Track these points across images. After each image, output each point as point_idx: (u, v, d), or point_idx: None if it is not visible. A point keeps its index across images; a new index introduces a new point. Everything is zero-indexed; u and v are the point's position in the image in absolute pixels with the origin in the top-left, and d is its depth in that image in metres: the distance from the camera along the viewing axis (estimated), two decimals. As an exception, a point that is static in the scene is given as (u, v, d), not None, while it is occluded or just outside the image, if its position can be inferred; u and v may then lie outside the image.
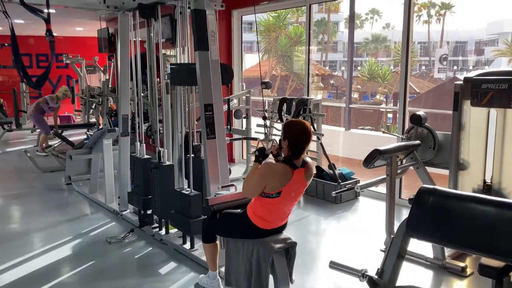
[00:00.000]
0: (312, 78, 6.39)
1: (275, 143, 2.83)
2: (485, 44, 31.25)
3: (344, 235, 4.30)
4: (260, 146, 2.87)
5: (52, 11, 3.62)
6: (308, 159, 2.76)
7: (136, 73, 4.47)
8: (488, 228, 1.74)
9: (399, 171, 3.78)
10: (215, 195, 3.16)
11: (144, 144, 4.40)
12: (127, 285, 3.34)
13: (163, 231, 4.11)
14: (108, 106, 8.66)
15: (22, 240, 4.21)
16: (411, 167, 3.88)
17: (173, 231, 4.07)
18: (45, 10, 3.46)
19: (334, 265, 2.16)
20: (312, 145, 5.80)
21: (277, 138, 2.91)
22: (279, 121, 5.61)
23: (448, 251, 3.52)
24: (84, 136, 8.73)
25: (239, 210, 2.86)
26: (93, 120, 10.04)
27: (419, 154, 3.83)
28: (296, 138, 2.61)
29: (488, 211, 1.76)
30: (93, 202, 5.33)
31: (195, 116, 4.11)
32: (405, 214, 4.50)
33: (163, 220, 4.12)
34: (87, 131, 9.35)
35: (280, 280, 2.68)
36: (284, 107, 5.61)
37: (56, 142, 7.90)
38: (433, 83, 20.61)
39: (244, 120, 6.28)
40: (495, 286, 2.08)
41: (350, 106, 10.14)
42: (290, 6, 9.43)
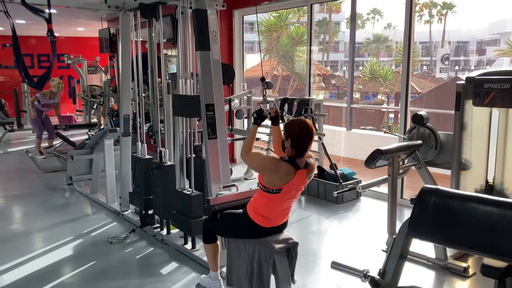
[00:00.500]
0: (313, 78, 6.38)
1: (273, 105, 2.83)
2: (486, 44, 31.22)
3: (345, 235, 4.29)
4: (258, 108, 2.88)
5: (53, 11, 3.62)
6: (312, 159, 2.74)
7: (138, 73, 4.46)
8: (491, 228, 1.72)
9: (401, 171, 3.77)
10: (217, 195, 3.15)
11: (146, 144, 4.40)
12: (129, 285, 3.33)
13: (165, 231, 4.11)
14: (110, 106, 8.67)
15: (23, 240, 4.21)
16: (413, 167, 3.87)
17: (174, 231, 4.07)
18: (46, 10, 3.46)
19: (336, 265, 2.14)
20: (313, 145, 5.80)
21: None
22: (281, 121, 5.60)
23: (450, 251, 3.51)
24: (86, 136, 8.74)
25: (240, 210, 2.86)
26: (94, 120, 10.05)
27: (421, 154, 3.82)
28: (299, 136, 2.61)
29: (491, 211, 1.74)
30: (94, 202, 5.33)
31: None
32: (406, 214, 4.51)
33: (164, 220, 4.12)
34: (88, 131, 9.37)
35: (282, 280, 2.67)
36: (286, 107, 5.61)
37: (57, 142, 7.89)
38: (434, 83, 20.58)
39: (245, 120, 6.27)
40: (498, 286, 2.07)
41: (351, 106, 10.15)
42: (291, 6, 9.43)
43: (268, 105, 2.90)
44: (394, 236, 2.07)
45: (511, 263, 1.95)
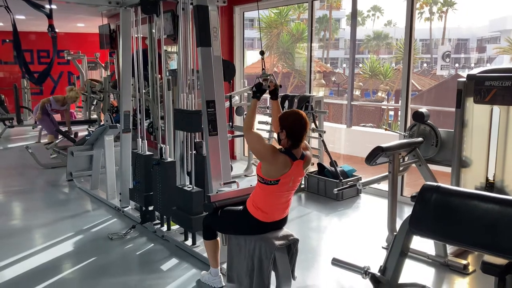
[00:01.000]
0: (313, 75, 6.37)
1: (272, 78, 2.82)
2: (487, 41, 31.18)
3: (345, 232, 4.29)
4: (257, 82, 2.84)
5: (53, 6, 3.62)
6: (307, 152, 2.75)
7: (138, 69, 4.46)
8: (492, 225, 1.73)
9: (401, 169, 3.77)
10: (217, 192, 3.15)
11: (146, 141, 4.40)
12: (129, 281, 3.34)
13: (165, 228, 4.11)
14: (110, 102, 8.66)
15: (23, 236, 4.22)
16: (413, 165, 3.87)
17: (174, 227, 4.07)
18: (47, 5, 3.45)
19: (336, 262, 2.15)
20: (314, 142, 5.82)
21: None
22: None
23: (450, 249, 3.51)
24: (86, 133, 8.74)
25: (240, 207, 2.86)
26: (94, 116, 10.04)
27: (421, 152, 3.82)
28: (293, 127, 2.62)
29: (491, 208, 1.75)
30: (94, 198, 5.33)
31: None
32: (406, 211, 4.52)
33: (164, 216, 4.12)
34: (88, 128, 9.36)
35: (282, 277, 2.68)
36: (286, 104, 5.60)
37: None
38: (435, 80, 20.57)
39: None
40: (498, 283, 2.07)
41: (351, 103, 10.14)
42: (292, 3, 9.41)
43: (268, 78, 2.85)
44: (395, 233, 2.08)
45: (512, 260, 1.95)
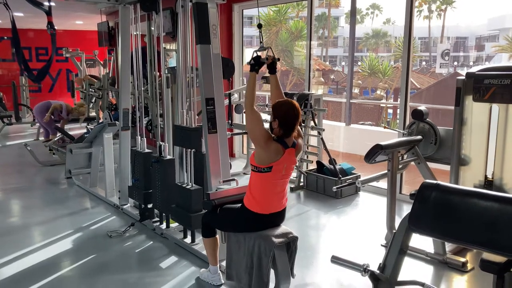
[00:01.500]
0: (312, 73, 6.37)
1: (270, 52, 2.81)
2: (485, 39, 31.18)
3: (344, 230, 4.30)
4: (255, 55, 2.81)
5: (52, 4, 3.61)
6: (299, 140, 2.77)
7: (137, 67, 4.45)
8: (491, 223, 1.73)
9: (400, 167, 3.77)
10: (216, 190, 3.15)
11: (145, 138, 4.39)
12: (128, 279, 3.34)
13: (164, 225, 4.11)
14: (108, 100, 8.65)
15: (22, 234, 4.21)
16: (412, 163, 3.87)
17: (174, 225, 4.07)
18: (46, 3, 3.44)
19: (335, 259, 2.15)
20: (313, 140, 5.82)
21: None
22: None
23: (449, 246, 3.52)
24: (84, 130, 8.72)
25: (238, 205, 2.86)
26: (93, 114, 10.02)
27: (420, 150, 3.82)
28: (285, 116, 2.63)
29: (491, 206, 1.75)
30: (93, 196, 5.33)
31: (196, 110, 4.10)
32: (405, 209, 4.52)
33: (163, 214, 4.12)
34: (87, 125, 9.35)
35: (281, 274, 2.68)
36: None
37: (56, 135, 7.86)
38: (434, 78, 20.60)
39: (245, 115, 6.26)
40: (497, 281, 2.08)
41: (350, 101, 10.14)
42: (291, 1, 9.38)
43: (265, 52, 2.82)
44: (394, 231, 2.08)
45: (510, 258, 1.96)
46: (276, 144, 2.64)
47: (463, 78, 3.38)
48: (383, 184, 4.63)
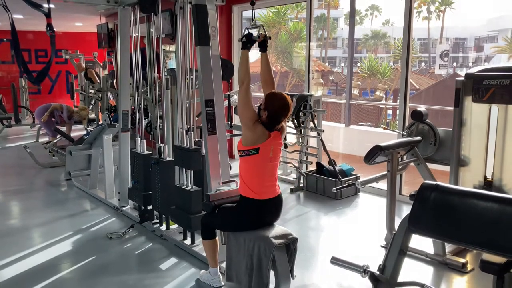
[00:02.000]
0: (312, 74, 6.37)
1: (262, 30, 2.82)
2: (485, 40, 31.21)
3: (344, 231, 4.30)
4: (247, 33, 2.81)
5: (52, 6, 3.61)
6: (283, 123, 2.80)
7: (136, 68, 4.45)
8: (491, 224, 1.73)
9: (399, 168, 3.77)
10: (216, 191, 3.15)
11: (144, 140, 4.39)
12: (128, 280, 3.34)
13: (164, 227, 4.11)
14: (108, 101, 8.65)
15: (22, 236, 4.21)
16: (412, 164, 3.87)
17: (173, 226, 4.07)
18: (45, 4, 3.45)
19: (335, 261, 2.15)
20: (312, 141, 5.82)
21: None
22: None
23: (448, 247, 3.52)
24: (84, 132, 8.72)
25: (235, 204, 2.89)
26: (92, 115, 10.02)
27: (420, 150, 3.82)
28: (276, 112, 2.69)
29: (491, 207, 1.75)
30: (93, 197, 5.32)
31: (196, 111, 4.10)
32: (405, 210, 4.52)
33: (163, 215, 4.12)
34: (86, 127, 9.34)
35: (281, 276, 2.68)
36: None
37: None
38: (433, 79, 20.60)
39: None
40: (497, 282, 2.08)
41: (350, 102, 10.15)
42: (290, 2, 9.39)
43: (257, 29, 2.82)
44: (394, 232, 2.08)
45: (510, 258, 1.96)
46: (262, 127, 2.71)
47: (463, 79, 3.39)
48: (383, 185, 4.63)
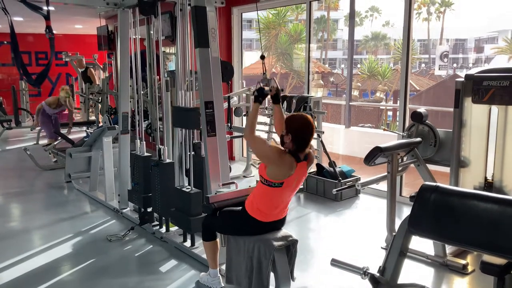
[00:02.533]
0: (312, 75, 6.37)
1: (273, 83, 2.83)
2: (485, 41, 31.22)
3: (344, 232, 4.29)
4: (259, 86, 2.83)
5: (51, 8, 3.61)
6: (310, 151, 2.75)
7: (136, 70, 4.45)
8: (491, 225, 1.73)
9: (400, 169, 3.77)
10: (216, 193, 3.15)
11: (144, 142, 4.39)
12: (128, 283, 3.33)
13: (164, 229, 4.10)
14: (108, 104, 8.65)
15: (22, 238, 4.20)
16: (412, 165, 3.87)
17: (173, 229, 4.07)
18: (44, 7, 3.45)
19: (335, 262, 2.14)
20: (312, 142, 5.80)
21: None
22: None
23: (449, 249, 3.51)
24: (84, 134, 8.72)
25: (239, 208, 2.86)
26: (92, 118, 10.03)
27: (420, 152, 3.82)
28: (300, 132, 2.62)
29: (491, 208, 1.74)
30: (93, 200, 5.32)
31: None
32: (405, 211, 4.51)
33: (163, 218, 4.11)
34: (86, 129, 9.35)
35: (281, 277, 2.67)
36: (285, 104, 5.60)
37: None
38: (433, 80, 20.61)
39: (245, 118, 6.27)
40: (497, 283, 2.07)
41: (350, 103, 10.13)
42: (290, 3, 9.38)
43: (270, 82, 2.86)
44: (394, 234, 2.07)
45: (511, 260, 1.95)
46: (289, 158, 2.62)
47: (462, 80, 3.39)
48: (383, 186, 4.62)
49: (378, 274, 2.02)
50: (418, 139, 3.82)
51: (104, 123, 5.18)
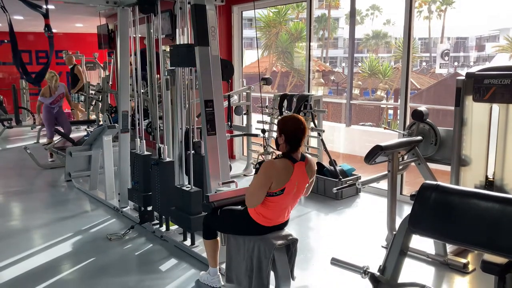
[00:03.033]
0: (312, 74, 6.36)
1: (274, 155, 2.86)
2: (486, 40, 31.17)
3: (345, 231, 4.28)
4: (260, 160, 2.89)
5: (51, 6, 3.61)
6: (307, 154, 2.77)
7: (136, 69, 4.44)
8: (492, 224, 1.72)
9: (400, 167, 3.76)
10: (216, 192, 3.14)
11: (144, 141, 4.38)
12: (128, 282, 3.33)
13: (164, 228, 4.10)
14: (108, 102, 8.65)
15: (22, 237, 4.20)
16: (413, 163, 3.86)
17: (173, 227, 4.06)
18: (43, 5, 3.44)
19: (336, 261, 2.14)
20: (313, 141, 5.81)
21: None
22: (280, 117, 5.59)
23: (449, 248, 3.50)
24: (84, 133, 8.72)
25: (240, 207, 2.85)
26: (93, 116, 10.02)
27: (420, 150, 3.81)
28: (292, 131, 2.64)
29: (491, 207, 1.74)
30: (93, 198, 5.32)
31: (196, 112, 4.09)
32: (406, 210, 4.50)
33: (163, 216, 4.11)
34: (87, 128, 9.35)
35: (282, 277, 2.67)
36: (285, 103, 5.60)
37: (56, 138, 7.87)
38: (434, 79, 20.58)
39: (245, 117, 6.26)
40: (498, 282, 2.06)
41: (350, 102, 10.13)
42: (290, 2, 9.37)
43: (269, 155, 2.92)
44: (394, 233, 2.07)
45: (512, 259, 1.94)
46: (282, 161, 2.62)
47: (463, 78, 3.37)
48: (384, 185, 4.62)
49: (378, 273, 2.02)
50: (419, 137, 3.81)
51: (104, 122, 5.17)
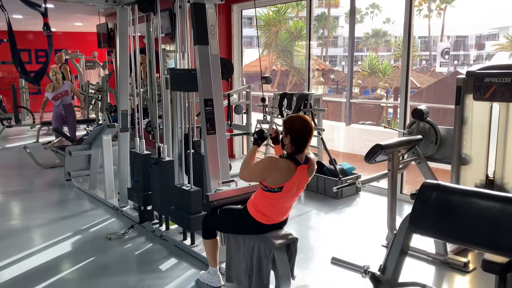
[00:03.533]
0: (312, 73, 6.35)
1: (274, 126, 2.83)
2: (486, 38, 31.13)
3: (345, 230, 4.28)
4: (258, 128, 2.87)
5: (50, 5, 3.59)
6: (311, 155, 2.74)
7: (136, 68, 4.43)
8: (492, 223, 1.71)
9: (400, 166, 3.75)
10: (216, 191, 3.13)
11: (144, 140, 4.37)
12: (128, 281, 3.32)
13: (163, 227, 4.09)
14: (108, 101, 8.65)
15: (22, 237, 4.20)
16: (413, 162, 3.85)
17: (173, 227, 4.06)
18: (42, 4, 3.43)
19: (336, 261, 2.13)
20: (313, 140, 5.78)
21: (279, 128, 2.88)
22: (280, 116, 5.59)
23: (450, 247, 3.50)
24: (84, 132, 8.71)
25: (240, 206, 2.85)
26: (92, 115, 10.02)
27: (421, 149, 3.80)
28: (298, 132, 2.60)
29: (492, 206, 1.73)
30: (93, 198, 5.31)
31: (195, 111, 4.08)
32: (406, 209, 4.50)
33: (163, 216, 4.10)
34: (86, 127, 9.34)
35: (282, 276, 2.66)
36: (285, 102, 5.58)
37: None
38: (434, 77, 20.57)
39: (245, 116, 6.25)
40: (499, 281, 2.06)
41: (350, 101, 10.12)
42: (290, 0, 9.36)
43: (269, 125, 2.90)
44: (395, 232, 2.06)
45: (513, 258, 1.93)
46: (286, 161, 2.60)
47: (463, 77, 3.37)
48: (384, 184, 4.61)
49: (378, 273, 2.01)
50: (419, 136, 3.80)
51: (104, 121, 5.16)
